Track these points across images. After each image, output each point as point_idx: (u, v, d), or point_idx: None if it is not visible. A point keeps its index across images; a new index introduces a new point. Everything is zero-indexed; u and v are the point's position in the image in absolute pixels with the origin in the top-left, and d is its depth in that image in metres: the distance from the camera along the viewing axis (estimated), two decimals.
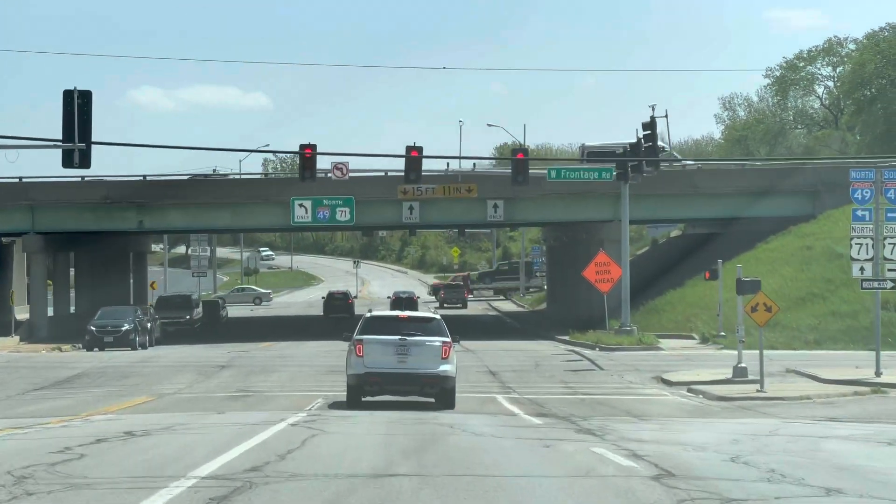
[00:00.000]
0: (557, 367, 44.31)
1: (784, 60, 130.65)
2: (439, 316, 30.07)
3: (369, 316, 29.92)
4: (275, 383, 38.37)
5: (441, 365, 28.95)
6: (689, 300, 60.94)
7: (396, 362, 28.88)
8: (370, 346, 28.96)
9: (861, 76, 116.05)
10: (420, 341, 29.01)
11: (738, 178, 63.89)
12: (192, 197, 63.67)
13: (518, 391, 35.97)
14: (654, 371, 42.04)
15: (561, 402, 32.56)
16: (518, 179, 51.85)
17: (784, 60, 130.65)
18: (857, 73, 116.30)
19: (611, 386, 38.12)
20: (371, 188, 63.72)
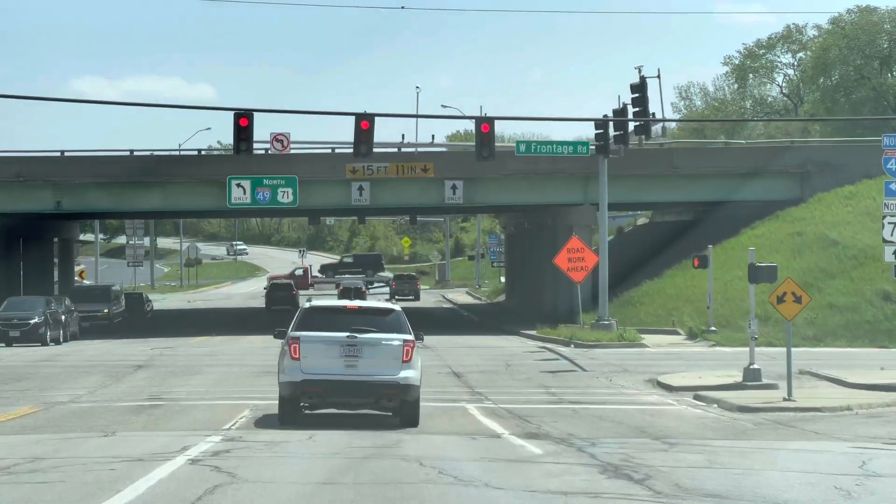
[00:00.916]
0: (531, 368, 37.53)
1: (743, 47, 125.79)
2: (399, 307, 23.10)
3: (308, 307, 22.90)
4: (196, 388, 31.31)
5: (402, 370, 22.05)
6: (669, 292, 54.31)
7: (344, 367, 21.97)
8: (309, 345, 22.03)
9: (824, 62, 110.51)
10: (374, 340, 22.13)
11: (722, 158, 57.26)
12: (116, 175, 56.22)
13: (491, 398, 29.23)
14: (646, 372, 35.46)
15: (548, 413, 25.85)
16: (483, 154, 44.84)
17: (743, 47, 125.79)
18: (821, 59, 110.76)
19: (600, 391, 31.43)
20: (316, 166, 56.61)
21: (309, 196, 56.67)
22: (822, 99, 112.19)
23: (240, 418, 23.70)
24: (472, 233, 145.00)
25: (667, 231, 67.44)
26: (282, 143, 45.87)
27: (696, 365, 37.56)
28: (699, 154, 57.56)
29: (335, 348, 21.99)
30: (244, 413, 24.82)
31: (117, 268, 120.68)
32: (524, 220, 69.45)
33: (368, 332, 22.18)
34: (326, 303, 24.32)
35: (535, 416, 25.25)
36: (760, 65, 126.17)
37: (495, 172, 56.79)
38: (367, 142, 45.45)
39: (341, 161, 56.12)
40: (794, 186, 57.11)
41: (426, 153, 57.00)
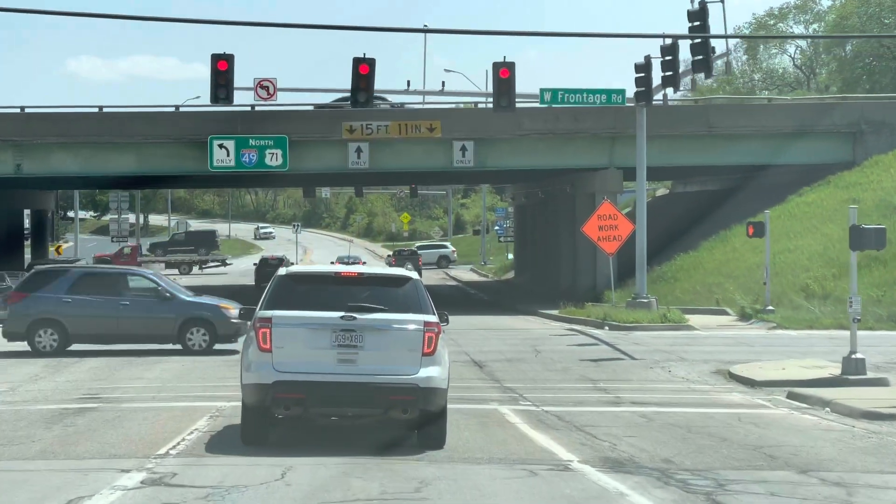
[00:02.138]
0: (566, 355, 30.28)
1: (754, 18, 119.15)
2: (416, 275, 15.75)
3: (285, 274, 15.54)
4: (152, 382, 24.05)
5: (422, 367, 14.82)
6: (708, 266, 47.02)
7: (336, 362, 14.73)
8: (286, 331, 14.81)
9: (842, 30, 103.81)
10: (382, 322, 14.88)
11: (763, 117, 49.77)
12: (84, 134, 48.79)
13: (528, 396, 22.12)
14: (708, 361, 28.33)
15: (611, 420, 18.80)
16: (501, 104, 37.81)
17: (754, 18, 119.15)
18: (839, 27, 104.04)
19: (663, 387, 24.22)
20: (309, 125, 49.24)
21: (301, 159, 49.36)
22: (840, 69, 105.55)
23: (189, 434, 16.44)
24: (472, 209, 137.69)
25: (694, 202, 60.21)
26: (267, 90, 38.44)
27: (766, 352, 30.35)
28: (738, 112, 50.14)
29: (324, 335, 14.75)
30: (199, 423, 17.57)
31: (105, 245, 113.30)
32: (537, 188, 62.09)
33: (373, 312, 14.91)
34: (311, 268, 16.83)
35: (597, 426, 18.06)
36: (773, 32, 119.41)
37: (509, 132, 49.52)
38: (367, 89, 38.20)
39: (337, 119, 48.82)
40: (845, 148, 49.77)
41: (432, 110, 49.57)
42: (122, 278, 30.70)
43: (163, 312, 29.73)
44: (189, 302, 30.21)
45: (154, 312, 29.74)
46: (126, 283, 30.40)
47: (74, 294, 29.84)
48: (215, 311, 30.01)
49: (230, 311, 29.82)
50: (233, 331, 29.75)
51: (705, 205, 55.51)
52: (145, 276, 31.40)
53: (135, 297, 29.97)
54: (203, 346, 29.67)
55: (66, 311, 29.64)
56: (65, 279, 30.29)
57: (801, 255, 44.18)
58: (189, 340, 29.73)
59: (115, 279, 30.57)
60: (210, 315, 29.90)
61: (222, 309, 30.08)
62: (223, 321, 29.76)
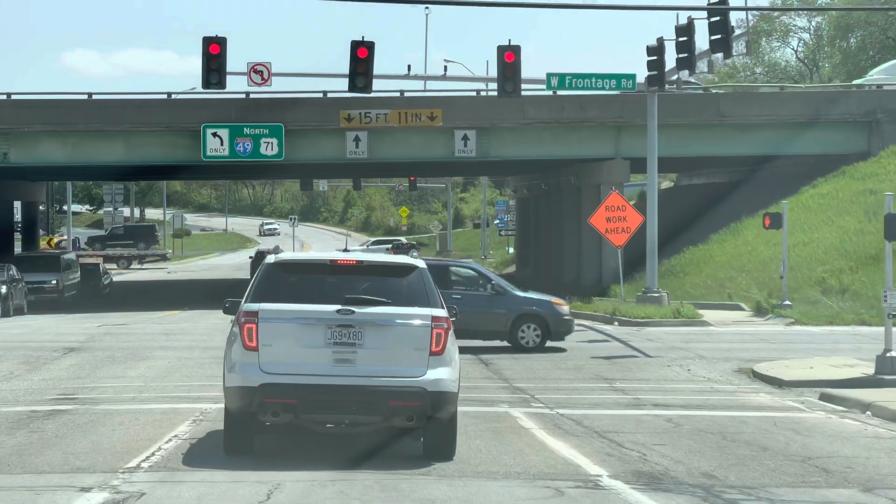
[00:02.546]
0: (577, 352, 28.51)
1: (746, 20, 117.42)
2: (422, 263, 13.85)
3: (274, 262, 13.63)
4: (133, 381, 22.24)
5: (430, 368, 12.97)
6: (718, 260, 45.16)
7: (332, 363, 12.88)
8: (275, 327, 12.96)
9: (846, 22, 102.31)
10: (384, 317, 13.03)
11: (776, 105, 47.81)
12: (72, 122, 46.85)
13: (540, 397, 20.38)
14: (729, 359, 26.58)
15: (634, 425, 17.12)
16: (506, 88, 35.99)
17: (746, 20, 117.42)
18: (843, 19, 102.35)
19: (684, 387, 22.46)
20: (306, 113, 47.31)
21: (297, 148, 47.50)
22: (844, 62, 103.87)
23: (166, 441, 14.61)
24: (471, 203, 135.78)
25: (700, 194, 58.34)
26: (261, 74, 36.57)
27: (788, 349, 28.57)
28: (750, 100, 48.19)
29: (318, 331, 12.91)
30: (180, 429, 15.75)
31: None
32: (540, 180, 60.21)
33: (373, 305, 13.06)
34: (304, 256, 14.90)
35: (620, 432, 16.27)
36: (773, 28, 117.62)
37: (513, 121, 47.67)
38: (365, 73, 36.37)
39: (335, 107, 46.92)
40: (860, 137, 47.88)
41: (433, 98, 47.66)
42: (454, 272, 29.50)
43: (495, 307, 28.29)
44: (521, 297, 28.92)
45: (486, 307, 28.21)
46: (457, 277, 29.20)
47: None
48: (547, 307, 28.63)
49: (562, 308, 28.85)
50: (565, 327, 28.55)
51: (713, 197, 53.69)
52: (477, 271, 29.98)
53: (466, 292, 28.49)
54: (535, 343, 28.18)
55: None
56: None
57: (817, 249, 42.37)
58: (521, 337, 28.22)
59: (446, 272, 29.12)
60: (542, 311, 28.50)
61: (554, 305, 28.78)
62: (556, 317, 28.45)
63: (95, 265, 54.18)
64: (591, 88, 36.70)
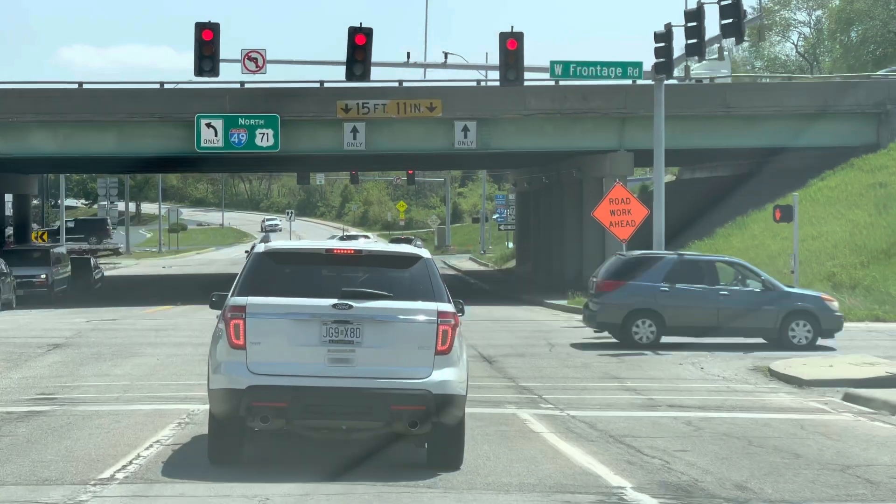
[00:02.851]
0: (583, 349, 27.34)
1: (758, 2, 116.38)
2: (427, 253, 12.57)
3: (264, 251, 12.34)
4: (119, 380, 21.01)
5: (435, 369, 11.69)
6: (725, 254, 43.79)
7: (328, 362, 11.63)
8: (264, 322, 11.71)
9: (848, 15, 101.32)
10: (385, 312, 11.77)
11: (784, 97, 46.52)
12: (63, 112, 45.56)
13: (549, 398, 19.20)
14: (743, 356, 25.40)
15: (652, 429, 15.94)
16: (509, 77, 34.67)
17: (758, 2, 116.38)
18: (844, 12, 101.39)
19: (698, 386, 21.28)
20: (302, 103, 46.02)
21: (293, 139, 46.21)
22: (844, 56, 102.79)
23: (147, 447, 13.38)
24: (469, 198, 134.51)
25: (703, 188, 57.13)
26: (256, 62, 35.24)
27: None
28: (757, 91, 46.96)
29: (313, 328, 11.67)
30: (163, 433, 14.53)
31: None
32: (541, 173, 58.99)
33: (374, 299, 11.80)
34: (297, 245, 13.39)
35: (638, 436, 15.07)
36: (774, 22, 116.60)
37: (514, 112, 46.40)
38: (363, 60, 35.10)
39: (332, 97, 45.65)
40: (869, 129, 46.61)
41: (433, 88, 46.37)
42: (720, 267, 28.31)
43: (764, 304, 27.07)
44: (791, 293, 27.67)
45: (755, 304, 27.08)
46: (724, 272, 28.05)
47: (671, 282, 27.35)
48: (818, 304, 27.43)
49: (832, 303, 27.71)
50: (837, 325, 27.37)
51: (716, 191, 52.45)
52: (744, 266, 28.61)
53: (734, 288, 27.46)
54: (807, 341, 26.92)
55: (664, 301, 27.11)
56: (660, 267, 27.77)
57: (826, 243, 41.15)
58: (791, 335, 26.97)
59: (711, 267, 28.06)
60: (813, 307, 27.27)
61: (824, 300, 27.63)
62: (827, 314, 27.29)
63: (86, 259, 52.85)
64: (597, 77, 35.40)
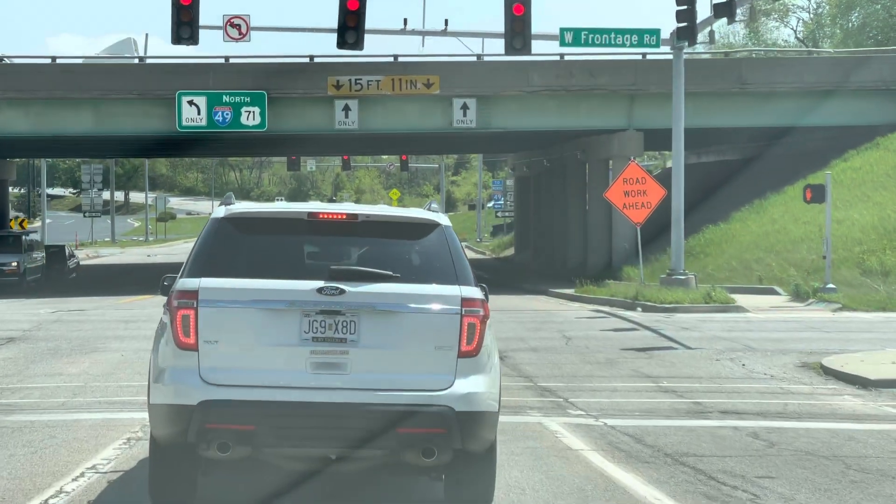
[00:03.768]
0: (604, 342, 24.10)
1: None
2: (445, 219, 9.30)
3: (225, 216, 9.08)
4: (72, 379, 17.83)
5: (457, 378, 8.43)
6: (743, 240, 40.80)
7: (310, 368, 8.35)
8: (224, 315, 8.42)
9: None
10: (387, 300, 8.46)
11: (804, 71, 43.31)
12: (35, 89, 42.26)
13: (575, 401, 16.18)
14: (785, 351, 22.40)
15: (715, 443, 12.95)
16: (515, 45, 31.56)
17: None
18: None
19: (746, 387, 18.18)
20: (290, 79, 42.75)
21: (281, 118, 42.97)
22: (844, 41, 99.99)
23: (77, 476, 10.17)
24: (463, 186, 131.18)
25: (711, 172, 53.93)
26: (239, 28, 32.03)
27: (849, 339, 24.26)
28: (774, 66, 43.72)
29: (290, 322, 8.41)
30: (104, 453, 11.36)
31: (82, 222, 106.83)
32: (542, 156, 55.79)
33: (373, 281, 8.52)
34: (269, 208, 9.63)
35: (701, 455, 11.96)
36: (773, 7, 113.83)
37: (517, 88, 43.21)
38: (356, 27, 31.89)
39: (322, 73, 42.43)
40: (893, 107, 43.44)
41: (430, 63, 43.11)
42: None
43: None
44: None
45: None
46: None
47: None
48: None
49: None
50: None
51: (726, 175, 49.28)
52: None
53: None
54: None
55: None
56: None
57: (853, 227, 38.03)
58: None
59: None
60: None
61: None
62: None
63: (61, 247, 49.58)
64: (610, 45, 32.26)
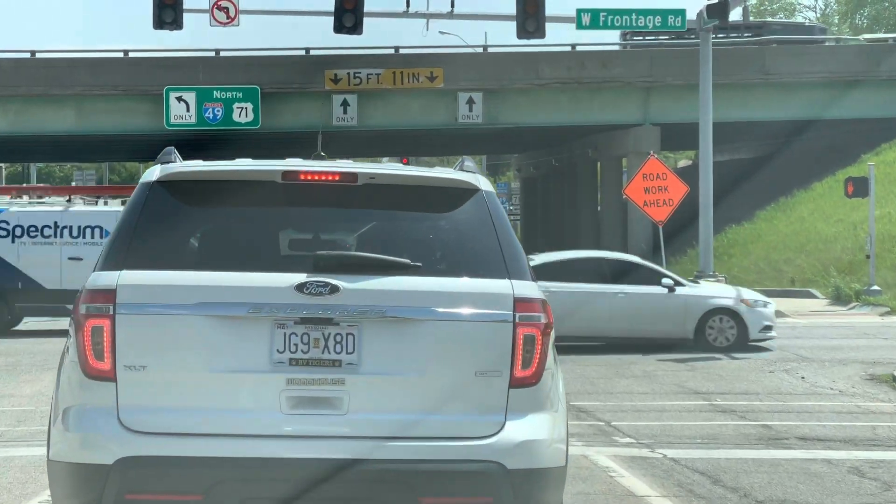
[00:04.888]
0: (639, 354, 21.25)
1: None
2: (486, 183, 6.29)
3: (160, 179, 6.11)
4: (21, 402, 15.22)
5: (509, 417, 5.46)
6: (769, 239, 38.01)
7: (287, 406, 5.37)
8: (158, 327, 5.41)
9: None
10: (403, 302, 5.45)
11: (830, 60, 40.45)
12: (13, 85, 39.48)
13: (621, 427, 13.49)
14: (846, 361, 19.83)
15: (813, 485, 10.01)
16: (528, 28, 28.76)
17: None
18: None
19: (813, 404, 15.55)
20: (285, 73, 40.02)
21: (275, 114, 40.20)
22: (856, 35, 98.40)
23: None
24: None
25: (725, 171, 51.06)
26: (227, 12, 29.21)
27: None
28: (800, 55, 40.85)
29: (254, 336, 5.50)
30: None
31: None
32: (550, 156, 52.99)
33: (380, 273, 5.57)
34: (224, 167, 6.47)
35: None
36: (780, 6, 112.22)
37: (525, 81, 40.43)
38: (355, 10, 29.04)
39: (319, 66, 39.72)
40: None
41: (433, 55, 40.32)
42: None
43: None
44: None
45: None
46: None
47: None
48: None
49: None
50: None
51: (741, 174, 46.50)
52: None
53: None
54: None
55: None
56: None
57: (890, 225, 35.25)
58: None
59: None
60: None
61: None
62: None
63: None
64: (631, 27, 29.42)
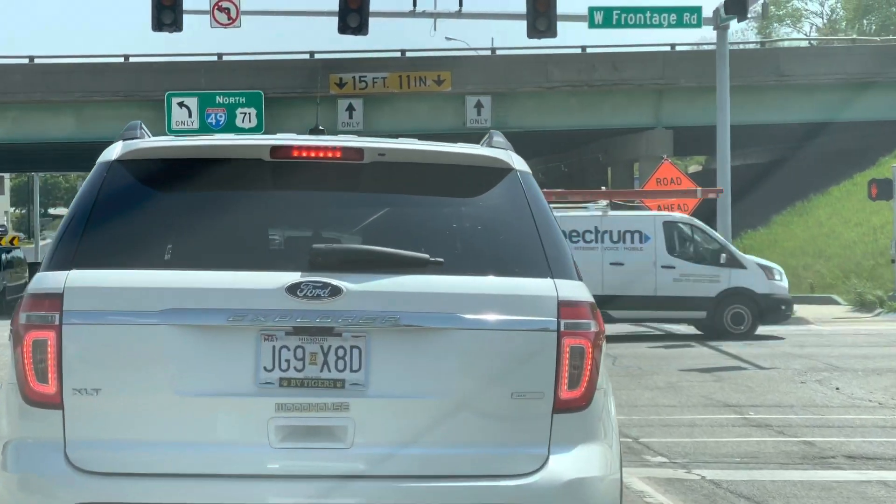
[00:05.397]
0: (655, 362, 20.23)
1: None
2: (522, 162, 5.12)
3: (121, 158, 4.85)
4: None
5: (553, 450, 4.34)
6: (787, 244, 36.94)
7: (273, 441, 4.25)
8: (115, 340, 4.26)
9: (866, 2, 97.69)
10: (418, 301, 4.28)
11: (847, 61, 39.37)
12: (11, 92, 38.56)
13: (651, 444, 12.33)
14: (878, 370, 18.91)
15: None
16: (538, 27, 27.73)
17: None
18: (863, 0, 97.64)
19: (854, 417, 14.42)
20: (289, 77, 39.06)
21: (279, 119, 39.17)
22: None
23: None
24: None
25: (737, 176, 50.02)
26: (228, 13, 28.22)
27: None
28: (816, 57, 39.75)
29: (236, 350, 4.37)
30: None
31: None
32: (559, 161, 51.93)
33: (393, 272, 4.41)
34: (198, 142, 5.17)
35: None
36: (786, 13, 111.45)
37: (535, 84, 39.41)
38: (360, 10, 27.96)
39: (323, 70, 38.79)
40: None
41: (440, 58, 39.35)
42: None
43: None
44: None
45: None
46: None
47: None
48: None
49: None
50: None
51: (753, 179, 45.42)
52: None
53: None
54: None
55: None
56: None
57: None
58: None
59: None
60: None
61: None
62: None
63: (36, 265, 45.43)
64: (645, 25, 28.37)
